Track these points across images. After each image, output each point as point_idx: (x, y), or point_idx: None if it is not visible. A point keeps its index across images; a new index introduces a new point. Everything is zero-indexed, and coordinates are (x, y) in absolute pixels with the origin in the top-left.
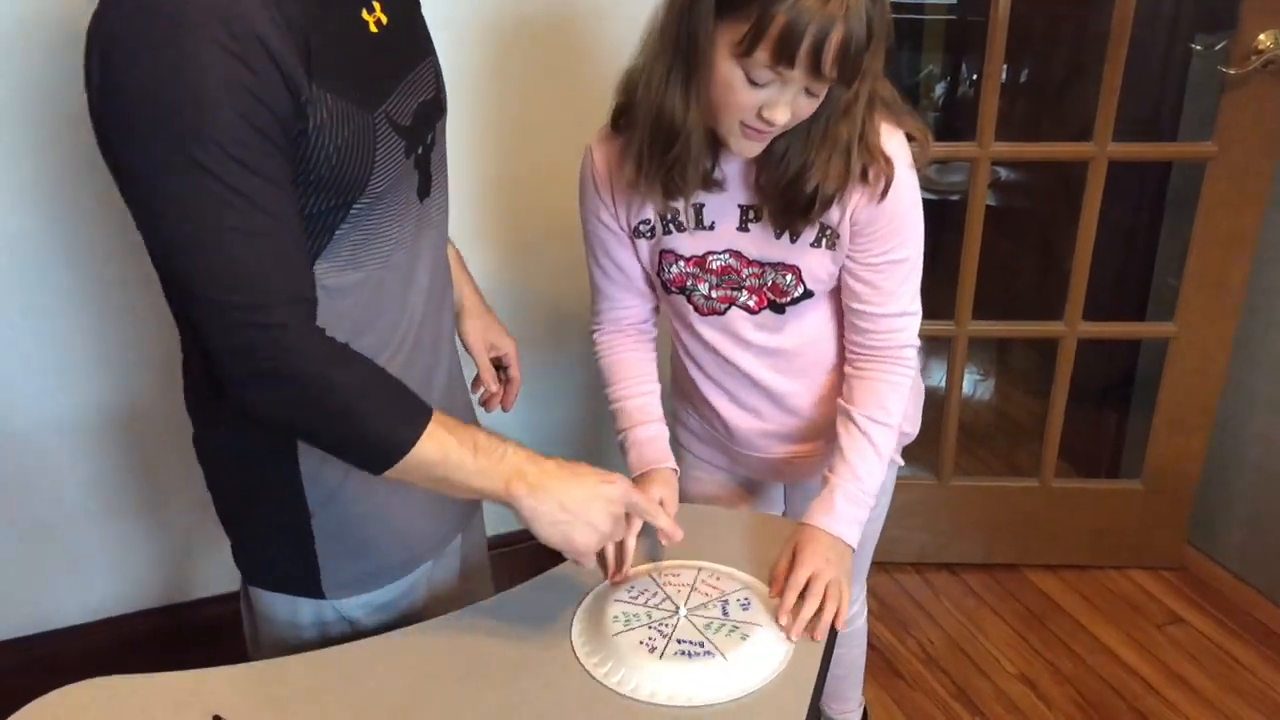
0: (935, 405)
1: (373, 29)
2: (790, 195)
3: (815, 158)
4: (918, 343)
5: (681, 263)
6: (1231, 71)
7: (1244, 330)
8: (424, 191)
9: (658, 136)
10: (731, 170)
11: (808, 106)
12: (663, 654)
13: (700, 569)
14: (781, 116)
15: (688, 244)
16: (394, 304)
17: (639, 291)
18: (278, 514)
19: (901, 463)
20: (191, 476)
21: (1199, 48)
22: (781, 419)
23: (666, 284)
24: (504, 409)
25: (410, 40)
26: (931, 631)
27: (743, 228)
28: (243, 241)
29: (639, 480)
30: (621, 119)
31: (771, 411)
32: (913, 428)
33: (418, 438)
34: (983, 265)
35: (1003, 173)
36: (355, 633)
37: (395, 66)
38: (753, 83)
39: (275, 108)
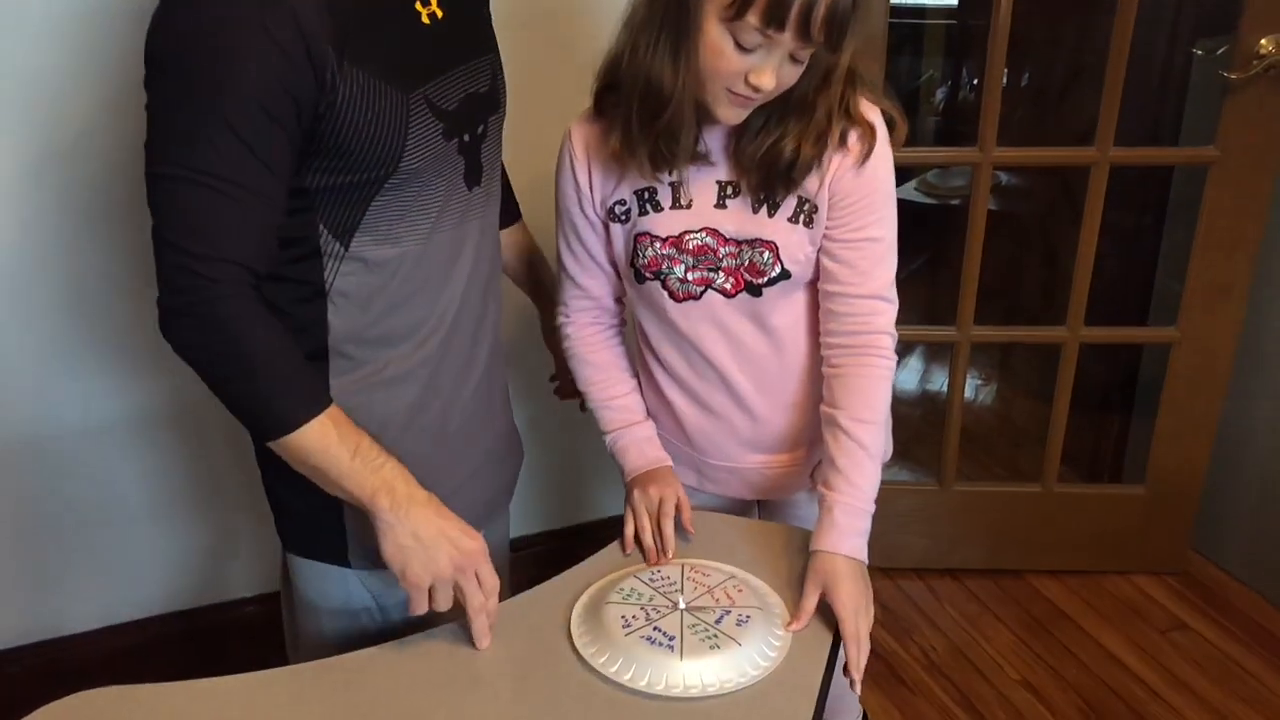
0: (937, 410)
1: (424, 20)
2: (769, 162)
3: (794, 126)
4: (894, 332)
5: (658, 244)
6: (1233, 76)
7: (1247, 334)
8: (473, 180)
9: (646, 105)
10: (713, 144)
11: (792, 73)
12: (631, 633)
13: (731, 576)
14: (769, 82)
15: (664, 224)
16: (433, 285)
17: (607, 277)
18: (311, 484)
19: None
20: (236, 474)
21: (1200, 52)
22: (750, 424)
23: (640, 270)
24: (579, 407)
25: (466, 36)
26: (934, 638)
27: (720, 204)
28: (218, 202)
29: (642, 479)
30: (605, 99)
31: (738, 415)
32: (889, 445)
33: (304, 422)
34: (985, 270)
35: (1004, 177)
36: (379, 624)
37: (443, 56)
38: (741, 47)
39: (294, 86)
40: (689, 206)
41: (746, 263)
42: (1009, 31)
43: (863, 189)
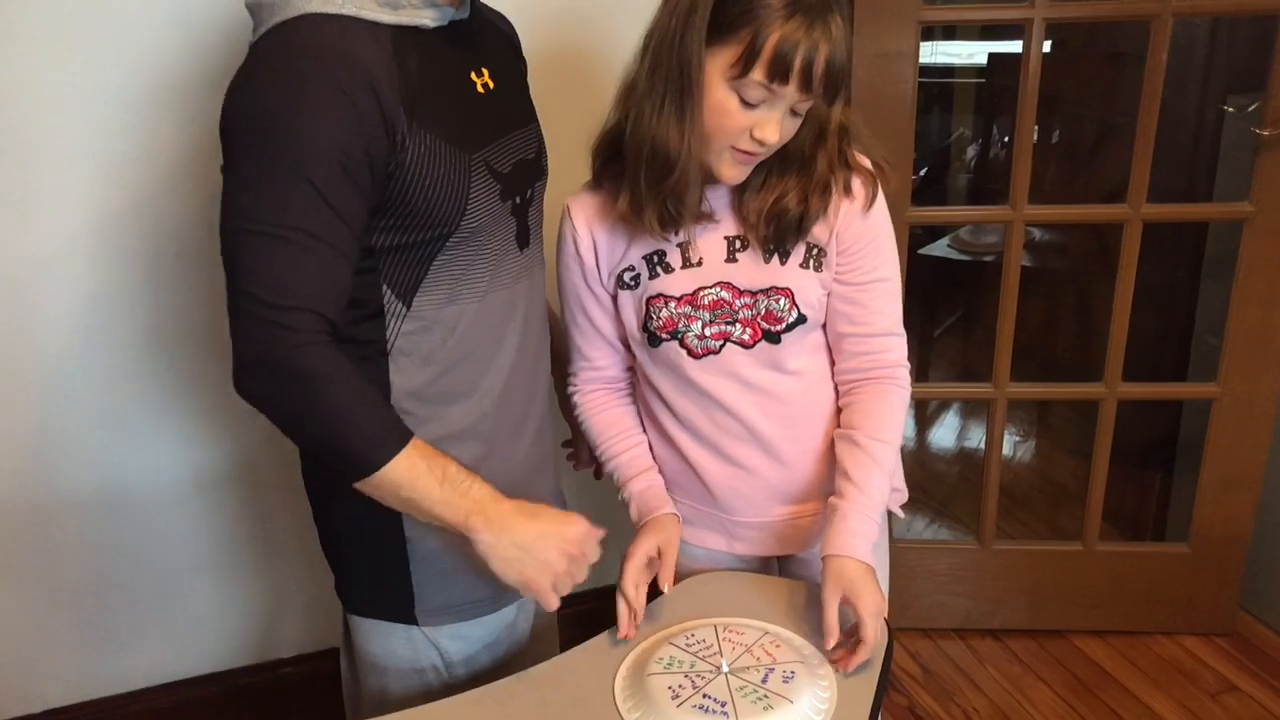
0: (975, 468)
1: (479, 90)
2: (777, 216)
3: (796, 180)
4: (907, 362)
5: (672, 304)
6: (1264, 133)
7: None
8: (524, 241)
9: (653, 169)
10: (717, 202)
11: (793, 126)
12: (681, 703)
13: (766, 633)
14: (773, 135)
15: (677, 284)
16: (489, 343)
17: (614, 350)
18: (377, 540)
19: (902, 515)
20: (296, 532)
21: (1231, 109)
22: (779, 472)
23: (655, 333)
24: (594, 474)
25: (515, 106)
26: (976, 700)
27: (731, 259)
28: (295, 254)
29: (639, 532)
30: (604, 171)
31: (767, 464)
32: (903, 485)
33: (391, 458)
34: (1020, 326)
35: (1037, 233)
36: (444, 680)
37: (497, 123)
38: (746, 103)
39: (370, 145)
40: (700, 264)
41: (763, 311)
42: (1038, 90)
43: (869, 233)
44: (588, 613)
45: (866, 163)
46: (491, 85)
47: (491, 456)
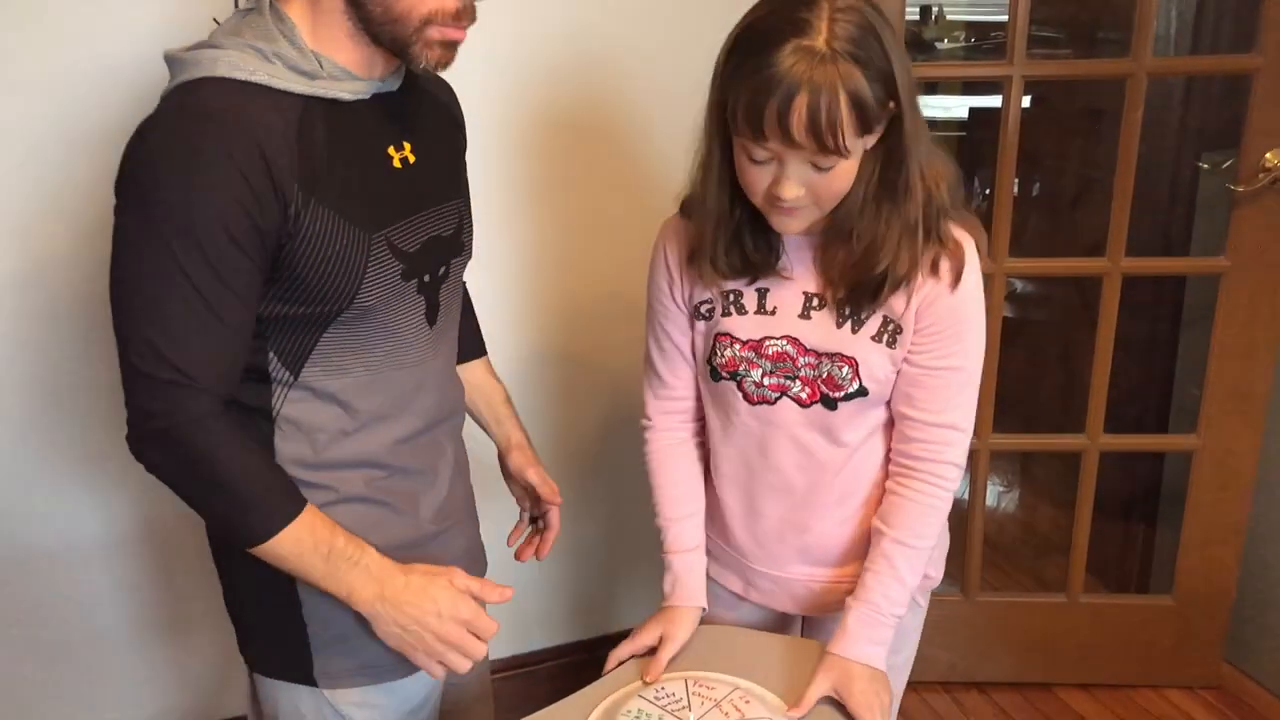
0: (960, 520)
1: (395, 164)
2: (859, 274)
3: (885, 236)
4: (963, 464)
5: (737, 346)
6: (1239, 189)
7: (1272, 440)
8: (433, 318)
9: (707, 221)
10: (798, 255)
11: (824, 182)
12: None
13: (736, 688)
14: (788, 192)
15: (746, 327)
16: (385, 417)
17: (692, 372)
18: (273, 599)
19: (923, 605)
20: (214, 594)
21: (1206, 166)
22: (800, 536)
23: (717, 369)
24: (537, 558)
25: (436, 181)
26: None
27: (804, 315)
28: (186, 327)
29: (664, 613)
30: (685, 206)
31: (791, 523)
32: (937, 571)
33: (276, 532)
34: (1002, 377)
35: (1019, 285)
36: None
37: (410, 200)
38: (755, 160)
39: (259, 216)
40: (773, 313)
41: (824, 375)
42: (1019, 144)
43: (950, 317)
44: (565, 667)
45: (961, 235)
46: (412, 159)
47: (388, 520)
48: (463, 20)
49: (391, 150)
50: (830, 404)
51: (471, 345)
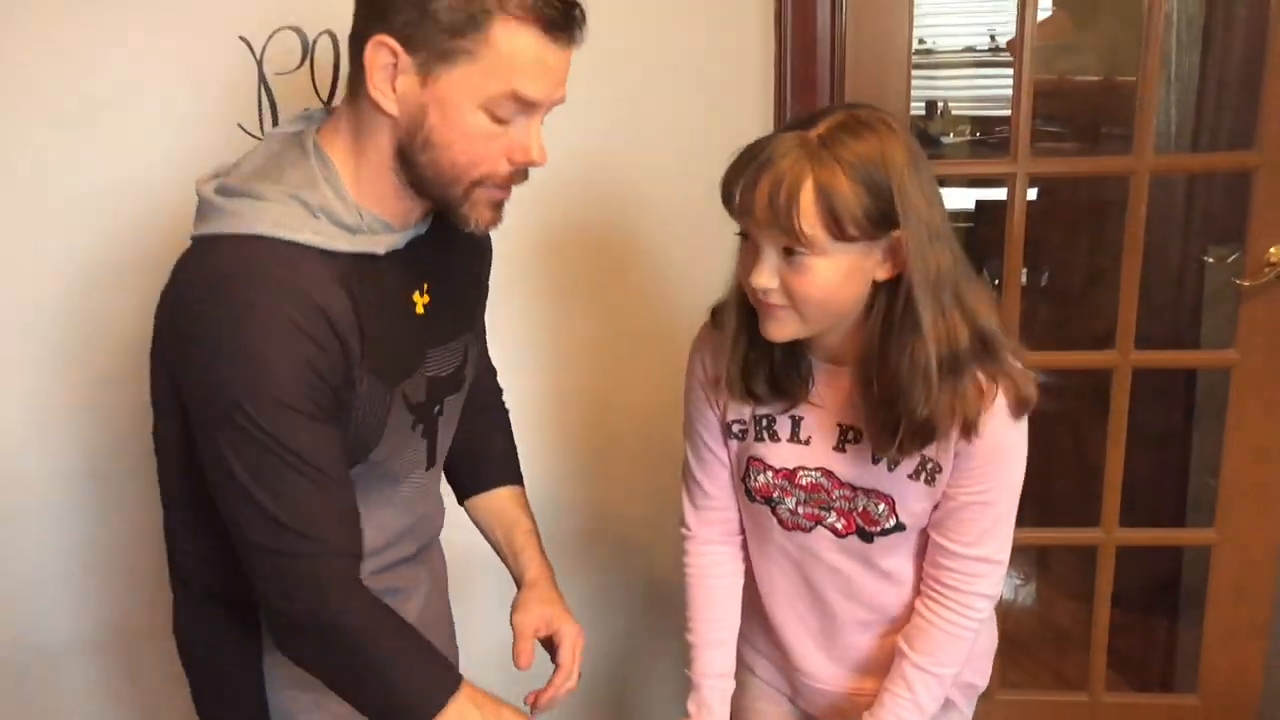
0: None
1: (418, 310)
2: (883, 416)
3: (905, 381)
4: (995, 594)
5: (770, 473)
6: (1245, 283)
7: None
8: (430, 461)
9: (736, 334)
10: (830, 386)
11: (797, 278)
12: None
13: None
14: (758, 278)
15: (779, 455)
16: (375, 554)
17: (731, 488)
18: (240, 702)
19: (967, 713)
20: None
21: (1211, 260)
22: (844, 652)
23: (751, 491)
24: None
25: (448, 318)
26: None
27: (839, 448)
28: (295, 494)
29: None
30: (715, 315)
31: (835, 642)
32: (982, 680)
33: (440, 709)
34: None
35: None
36: None
37: (425, 344)
38: (742, 236)
39: (333, 380)
40: (807, 443)
41: (860, 509)
42: (1027, 235)
43: (987, 454)
44: None
45: (988, 386)
46: (429, 300)
47: None
48: (515, 181)
49: (415, 296)
50: (867, 537)
51: (504, 471)
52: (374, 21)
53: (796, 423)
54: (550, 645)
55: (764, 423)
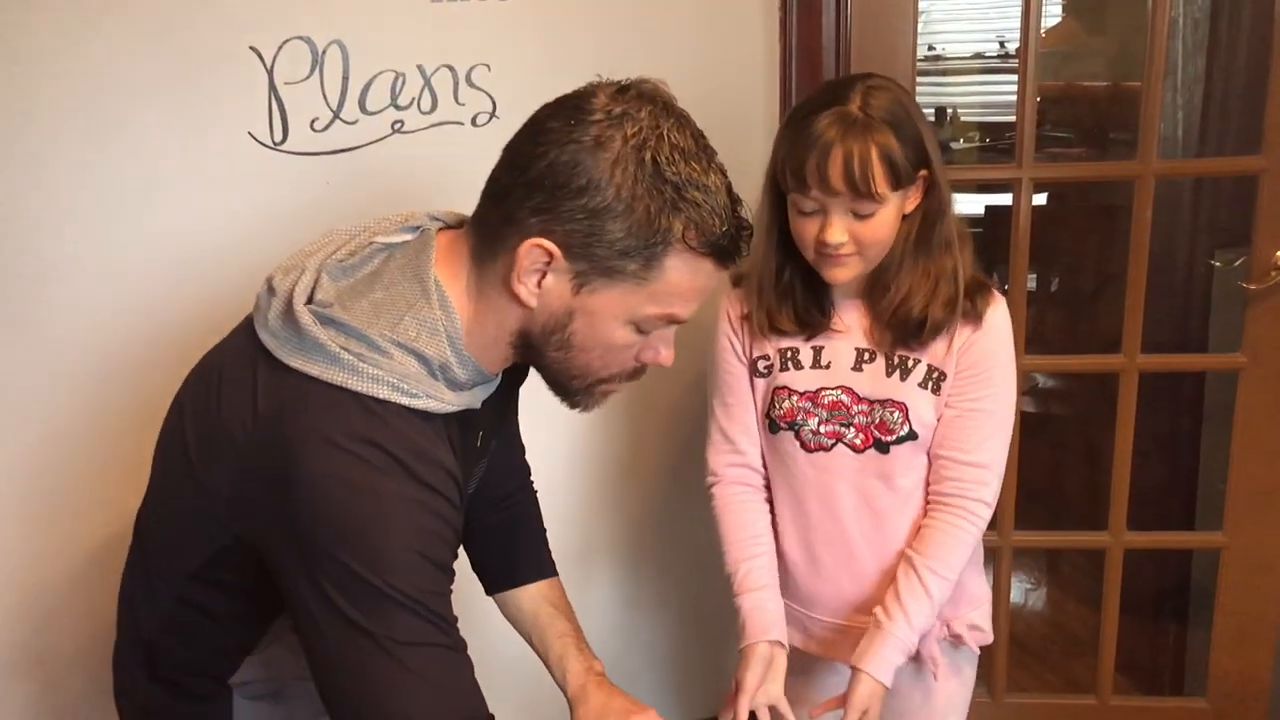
0: None
1: (478, 444)
2: (901, 316)
3: (920, 283)
4: (992, 503)
5: (795, 397)
6: (1252, 287)
7: None
8: None
9: (763, 282)
10: (847, 313)
11: (868, 229)
12: None
13: None
14: (832, 236)
15: (803, 380)
16: None
17: (756, 436)
18: None
19: (970, 669)
20: None
21: (1218, 264)
22: (855, 580)
23: (776, 420)
24: None
25: (497, 437)
26: None
27: (857, 368)
28: (459, 666)
29: (744, 653)
30: (736, 279)
31: (846, 570)
32: (987, 625)
33: None
34: (1025, 472)
35: (1040, 380)
36: None
37: (473, 472)
38: (803, 212)
39: (459, 531)
40: (828, 367)
41: (877, 420)
42: (1035, 240)
43: (983, 361)
44: None
45: (982, 287)
46: (485, 434)
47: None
48: (634, 378)
49: (479, 430)
50: (883, 448)
51: (533, 564)
52: (538, 217)
53: (818, 351)
54: None
55: (788, 354)
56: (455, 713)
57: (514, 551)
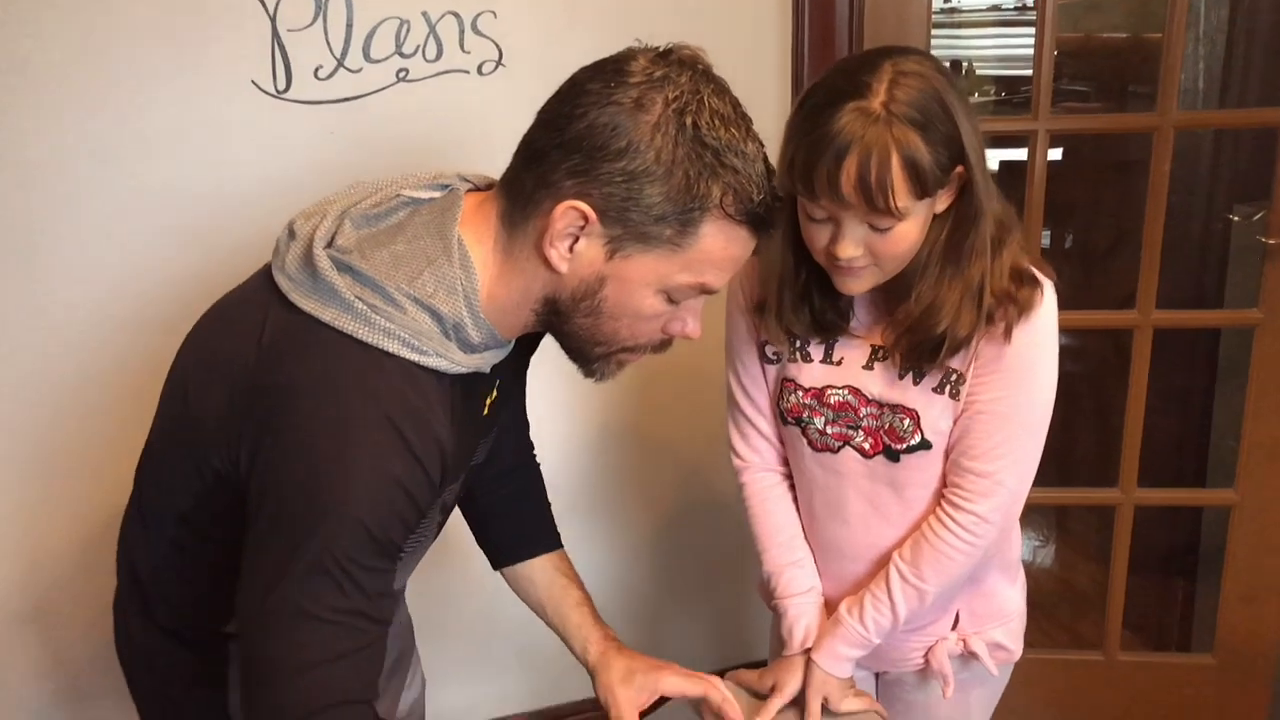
0: None
1: (485, 412)
2: (919, 334)
3: (945, 298)
4: (995, 521)
5: (800, 392)
6: (1270, 241)
7: None
8: (430, 544)
9: (773, 280)
10: (864, 309)
11: (884, 243)
12: None
13: None
14: (843, 251)
15: (809, 375)
16: None
17: (772, 418)
18: None
19: (997, 675)
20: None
21: (1236, 218)
22: (855, 585)
23: (785, 412)
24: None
25: (504, 409)
26: None
27: (868, 366)
28: (340, 648)
29: (779, 664)
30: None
31: (855, 575)
32: (1012, 643)
33: None
34: None
35: None
36: None
37: (478, 439)
38: (813, 219)
39: (425, 509)
40: (838, 364)
41: (887, 426)
42: (1051, 196)
43: (1010, 358)
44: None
45: (1043, 278)
46: (495, 395)
47: None
48: (658, 350)
49: (488, 400)
50: (893, 455)
51: (541, 537)
52: (574, 180)
53: (830, 345)
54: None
55: (798, 344)
56: (340, 693)
57: (523, 526)
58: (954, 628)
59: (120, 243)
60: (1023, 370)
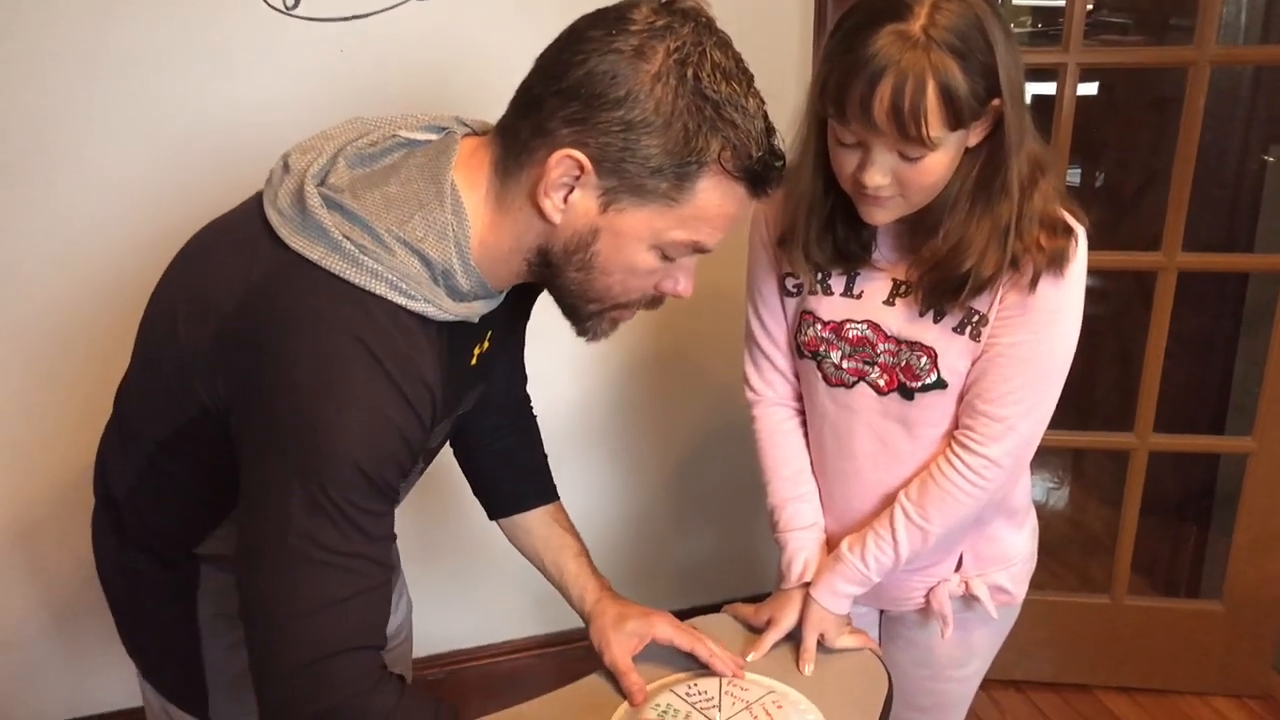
0: None
1: (473, 362)
2: (943, 271)
3: (973, 236)
4: (1005, 465)
5: (819, 325)
6: None
7: None
8: (415, 481)
9: (800, 206)
10: (889, 243)
11: (914, 172)
12: None
13: (771, 691)
14: (870, 179)
15: (829, 308)
16: None
17: (791, 348)
18: (170, 638)
19: (998, 619)
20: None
21: (1272, 160)
22: (858, 522)
23: (801, 346)
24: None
25: (494, 362)
26: None
27: (889, 301)
28: (343, 591)
29: (775, 598)
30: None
31: (862, 513)
32: (1015, 587)
33: None
34: None
35: None
36: None
37: (466, 389)
38: (843, 144)
39: (417, 452)
40: (859, 297)
41: (904, 363)
42: (1084, 133)
43: (1034, 302)
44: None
45: (1069, 235)
46: (488, 346)
47: None
48: (651, 307)
49: (477, 349)
50: (908, 394)
51: (538, 489)
52: (571, 128)
53: (852, 278)
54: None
55: (820, 276)
56: (344, 639)
57: (520, 479)
58: (958, 569)
59: (132, 156)
60: (1047, 316)
